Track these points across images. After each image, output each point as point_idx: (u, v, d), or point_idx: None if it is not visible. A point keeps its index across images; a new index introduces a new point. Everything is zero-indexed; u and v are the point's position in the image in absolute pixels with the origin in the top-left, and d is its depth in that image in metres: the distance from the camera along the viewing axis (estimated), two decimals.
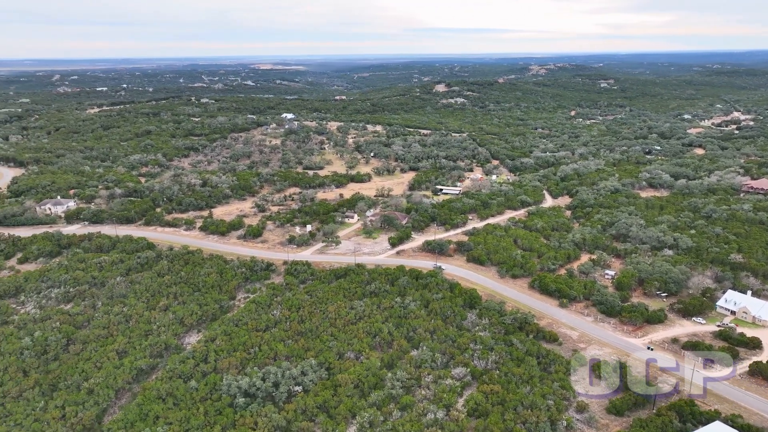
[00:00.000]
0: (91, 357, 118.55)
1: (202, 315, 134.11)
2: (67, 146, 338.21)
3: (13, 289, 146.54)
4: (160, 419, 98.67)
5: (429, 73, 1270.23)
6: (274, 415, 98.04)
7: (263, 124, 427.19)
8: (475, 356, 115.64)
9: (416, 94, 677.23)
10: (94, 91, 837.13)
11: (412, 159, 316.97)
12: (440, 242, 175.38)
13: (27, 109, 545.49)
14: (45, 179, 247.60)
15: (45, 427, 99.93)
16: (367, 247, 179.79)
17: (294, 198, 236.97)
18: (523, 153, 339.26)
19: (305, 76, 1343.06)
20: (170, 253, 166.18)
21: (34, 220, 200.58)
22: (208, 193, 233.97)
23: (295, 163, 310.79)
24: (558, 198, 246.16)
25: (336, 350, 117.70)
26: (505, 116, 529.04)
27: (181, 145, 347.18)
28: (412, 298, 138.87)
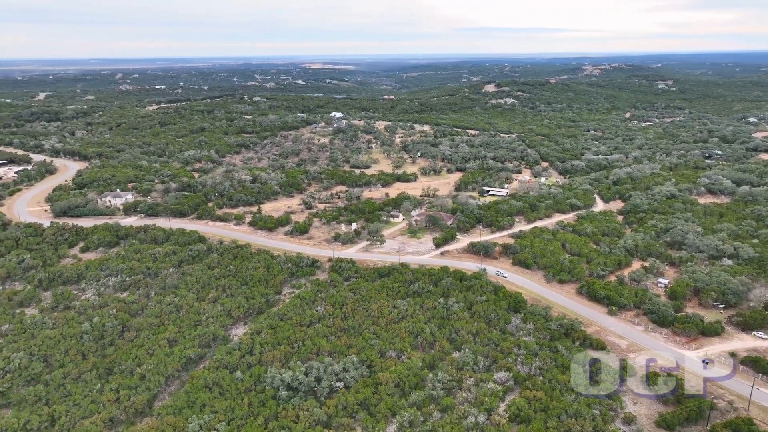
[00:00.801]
0: (144, 344, 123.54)
1: (249, 308, 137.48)
2: (127, 141, 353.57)
3: (75, 276, 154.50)
4: (207, 407, 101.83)
5: (478, 73, 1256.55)
6: (316, 410, 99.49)
7: (312, 122, 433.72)
8: (518, 361, 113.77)
9: (465, 94, 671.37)
10: (153, 89, 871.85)
11: (459, 159, 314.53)
12: (486, 244, 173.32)
13: (92, 105, 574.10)
14: (106, 173, 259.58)
15: (100, 408, 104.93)
16: (412, 246, 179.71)
17: (340, 196, 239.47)
18: (574, 155, 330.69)
19: (354, 76, 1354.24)
20: (220, 247, 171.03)
21: (95, 211, 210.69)
22: (258, 189, 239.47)
23: (342, 162, 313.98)
24: (609, 202, 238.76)
25: (378, 348, 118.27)
26: (556, 117, 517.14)
27: (233, 142, 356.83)
28: (455, 299, 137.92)
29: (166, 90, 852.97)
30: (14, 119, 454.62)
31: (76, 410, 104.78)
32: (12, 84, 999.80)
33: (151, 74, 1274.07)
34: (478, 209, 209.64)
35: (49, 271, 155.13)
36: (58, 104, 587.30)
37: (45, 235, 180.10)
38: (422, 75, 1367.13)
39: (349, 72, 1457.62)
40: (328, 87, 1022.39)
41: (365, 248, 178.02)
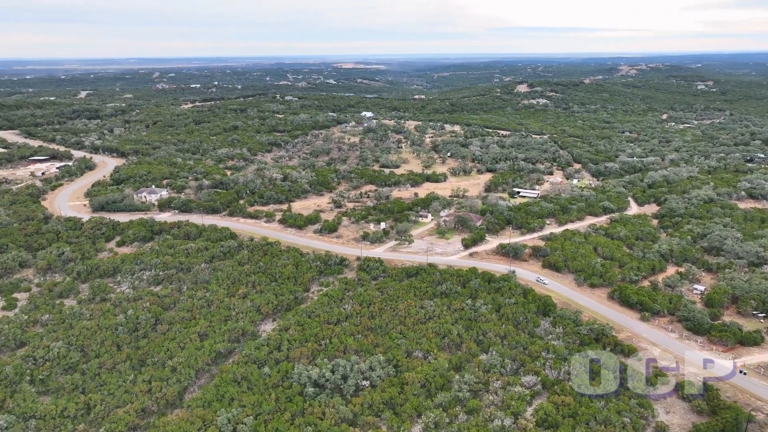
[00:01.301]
0: (176, 337, 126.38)
1: (278, 304, 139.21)
2: (162, 139, 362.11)
3: (112, 269, 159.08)
4: (235, 401, 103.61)
5: (511, 73, 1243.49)
6: (342, 407, 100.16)
7: (343, 122, 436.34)
8: (546, 365, 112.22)
9: (496, 94, 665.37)
10: (188, 88, 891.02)
11: (489, 160, 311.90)
12: (515, 246, 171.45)
13: (130, 104, 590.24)
14: (142, 169, 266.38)
15: (133, 398, 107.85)
16: (440, 247, 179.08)
17: (369, 195, 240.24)
18: (608, 157, 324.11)
19: (385, 75, 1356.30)
20: (251, 244, 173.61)
21: (131, 206, 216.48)
22: (288, 187, 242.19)
23: (372, 161, 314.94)
24: (644, 206, 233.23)
25: (404, 348, 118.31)
26: (589, 118, 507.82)
27: (265, 141, 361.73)
28: (483, 301, 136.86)
29: (201, 89, 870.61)
30: (57, 117, 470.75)
31: (110, 399, 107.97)
32: (55, 83, 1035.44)
33: (187, 73, 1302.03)
34: (508, 210, 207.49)
35: (87, 264, 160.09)
36: (98, 102, 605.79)
37: (84, 229, 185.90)
38: (453, 75, 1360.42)
39: (380, 71, 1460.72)
40: (359, 86, 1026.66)
41: (393, 248, 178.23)
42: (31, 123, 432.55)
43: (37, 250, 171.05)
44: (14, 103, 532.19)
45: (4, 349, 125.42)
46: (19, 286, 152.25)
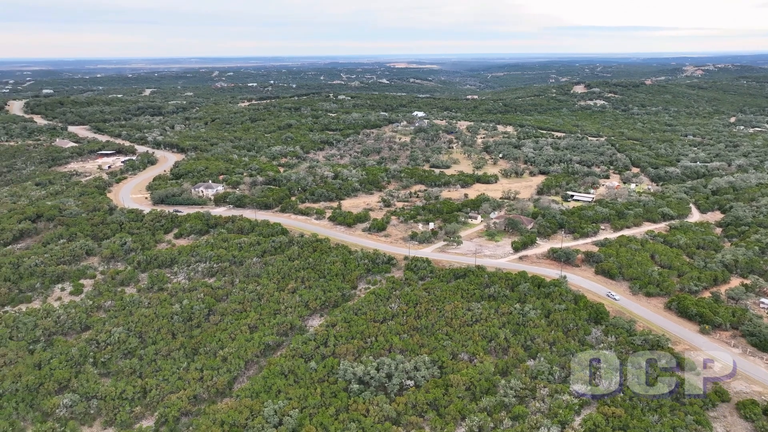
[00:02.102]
0: (227, 328, 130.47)
1: (326, 300, 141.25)
2: (219, 136, 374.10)
3: (169, 260, 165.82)
4: (282, 393, 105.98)
5: (567, 74, 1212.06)
6: (386, 406, 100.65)
7: (394, 121, 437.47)
8: (597, 374, 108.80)
9: (552, 95, 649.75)
10: (245, 87, 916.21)
11: (542, 162, 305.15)
12: (567, 251, 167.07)
13: (190, 101, 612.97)
14: (200, 165, 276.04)
15: (186, 385, 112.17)
16: (489, 249, 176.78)
17: (419, 195, 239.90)
18: (669, 161, 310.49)
19: (438, 75, 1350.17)
20: (301, 240, 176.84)
21: (189, 200, 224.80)
22: (339, 185, 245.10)
23: (422, 161, 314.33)
24: (707, 213, 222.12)
25: (450, 350, 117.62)
26: (650, 121, 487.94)
27: (318, 139, 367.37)
28: (532, 305, 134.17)
29: (258, 87, 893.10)
30: (123, 113, 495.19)
31: (164, 385, 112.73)
32: (123, 81, 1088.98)
33: (245, 72, 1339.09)
34: (561, 214, 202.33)
35: (147, 254, 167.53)
36: (161, 100, 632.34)
37: (145, 221, 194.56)
38: (508, 75, 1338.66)
39: (433, 71, 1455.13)
40: (412, 86, 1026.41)
41: (441, 248, 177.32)
42: (100, 119, 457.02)
43: (102, 239, 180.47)
44: (86, 100, 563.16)
45: (71, 332, 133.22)
46: (86, 272, 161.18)
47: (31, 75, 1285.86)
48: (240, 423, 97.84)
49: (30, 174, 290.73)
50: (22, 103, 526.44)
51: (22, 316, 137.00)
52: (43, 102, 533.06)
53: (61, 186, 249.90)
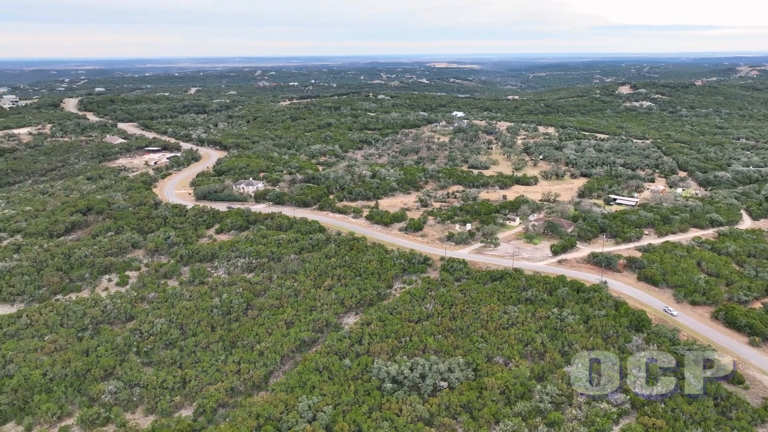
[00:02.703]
0: (264, 323, 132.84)
1: (361, 299, 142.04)
2: (261, 134, 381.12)
3: (210, 255, 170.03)
4: (316, 389, 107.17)
5: (612, 74, 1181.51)
6: (419, 406, 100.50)
7: (433, 121, 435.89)
8: (637, 384, 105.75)
9: (596, 96, 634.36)
10: (287, 86, 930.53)
11: (584, 164, 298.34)
12: (608, 255, 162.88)
13: (233, 100, 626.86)
14: (241, 162, 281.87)
15: (223, 377, 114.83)
16: (527, 252, 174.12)
17: (456, 196, 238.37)
18: (719, 165, 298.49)
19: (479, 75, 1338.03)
20: (338, 238, 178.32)
21: (230, 196, 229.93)
22: (376, 184, 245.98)
23: (460, 161, 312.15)
24: (759, 220, 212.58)
25: (485, 353, 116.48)
26: (699, 123, 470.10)
27: (356, 138, 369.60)
28: (570, 310, 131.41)
29: (299, 87, 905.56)
30: (169, 111, 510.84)
31: (203, 376, 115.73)
32: (170, 80, 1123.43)
33: (286, 72, 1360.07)
34: (603, 218, 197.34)
35: (189, 249, 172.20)
36: (205, 98, 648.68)
37: (187, 216, 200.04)
38: (550, 75, 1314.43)
39: (473, 71, 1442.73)
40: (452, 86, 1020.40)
41: (478, 250, 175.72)
42: (148, 116, 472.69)
43: (147, 232, 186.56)
44: (134, 98, 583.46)
45: (116, 321, 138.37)
46: (131, 265, 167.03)
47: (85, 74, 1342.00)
48: (275, 417, 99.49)
49: (82, 169, 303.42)
50: (77, 101, 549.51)
51: (72, 304, 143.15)
52: (96, 100, 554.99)
53: (110, 180, 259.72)
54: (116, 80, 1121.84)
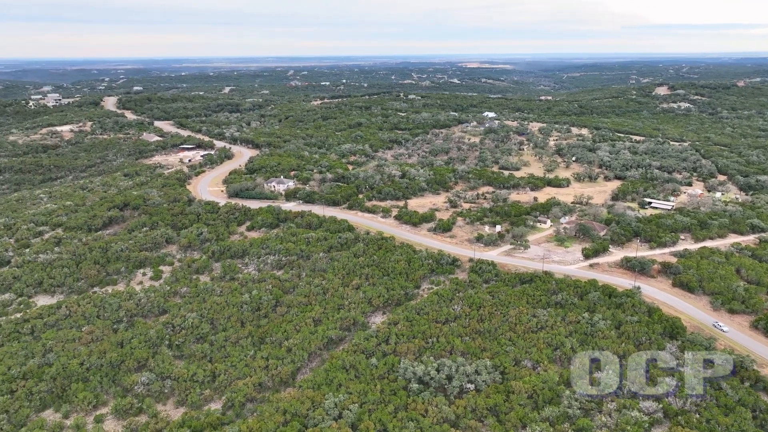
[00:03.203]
0: (293, 320, 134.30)
1: (389, 298, 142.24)
2: (292, 133, 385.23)
3: (241, 251, 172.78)
4: (342, 387, 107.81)
5: (649, 74, 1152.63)
6: (445, 407, 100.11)
7: (464, 121, 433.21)
8: (670, 392, 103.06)
9: (631, 97, 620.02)
10: (318, 85, 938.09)
11: (618, 167, 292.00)
12: (642, 260, 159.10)
13: (266, 99, 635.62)
14: (273, 161, 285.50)
15: (252, 372, 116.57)
16: (558, 255, 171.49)
17: (486, 197, 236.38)
18: (761, 169, 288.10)
19: (511, 75, 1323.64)
20: (366, 237, 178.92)
21: (261, 194, 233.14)
22: (406, 184, 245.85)
23: (491, 162, 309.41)
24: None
25: (513, 356, 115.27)
26: (741, 125, 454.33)
27: (386, 138, 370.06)
28: (601, 316, 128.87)
29: (330, 86, 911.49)
30: (204, 110, 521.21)
31: (232, 371, 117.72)
32: (205, 79, 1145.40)
33: (318, 71, 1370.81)
34: (637, 222, 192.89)
35: (221, 245, 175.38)
36: (238, 97, 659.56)
37: (220, 213, 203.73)
38: (584, 75, 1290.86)
39: (505, 71, 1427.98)
40: (483, 86, 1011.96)
41: (508, 252, 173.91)
42: (183, 115, 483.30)
43: (180, 228, 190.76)
44: (171, 97, 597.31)
45: (150, 315, 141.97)
46: (165, 259, 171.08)
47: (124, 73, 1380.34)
48: (301, 413, 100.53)
49: (119, 165, 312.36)
50: (116, 100, 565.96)
51: (108, 297, 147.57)
52: (134, 98, 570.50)
53: (146, 177, 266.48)
54: (153, 79, 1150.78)
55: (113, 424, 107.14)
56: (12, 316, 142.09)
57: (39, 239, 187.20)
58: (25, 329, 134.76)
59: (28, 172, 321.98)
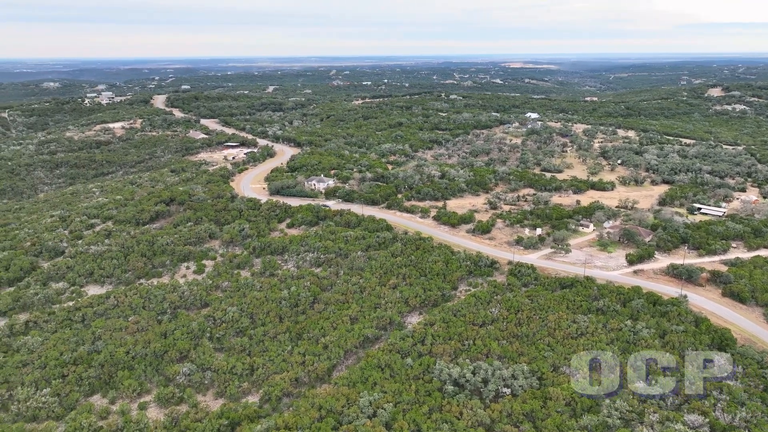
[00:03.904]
0: (330, 317, 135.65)
1: (425, 299, 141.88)
2: (333, 132, 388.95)
3: (281, 248, 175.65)
4: (377, 386, 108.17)
5: (702, 75, 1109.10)
6: (480, 411, 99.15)
7: (506, 122, 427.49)
8: (717, 407, 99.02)
9: (682, 98, 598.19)
10: (360, 85, 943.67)
11: (666, 171, 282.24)
12: (690, 268, 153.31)
13: (308, 98, 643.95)
14: (314, 159, 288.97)
15: (289, 367, 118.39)
16: (600, 260, 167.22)
17: (527, 199, 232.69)
18: None
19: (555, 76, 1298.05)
20: (404, 237, 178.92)
21: (301, 192, 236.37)
22: (445, 185, 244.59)
23: (533, 164, 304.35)
24: None
25: (551, 362, 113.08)
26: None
27: (427, 138, 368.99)
28: (645, 324, 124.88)
29: (371, 86, 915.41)
30: (248, 108, 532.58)
31: (270, 365, 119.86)
32: (249, 78, 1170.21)
33: (360, 71, 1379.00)
34: (685, 228, 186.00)
35: (262, 241, 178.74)
36: (281, 96, 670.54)
37: (261, 210, 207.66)
38: (633, 76, 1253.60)
39: (550, 71, 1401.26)
40: (526, 87, 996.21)
41: (548, 255, 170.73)
42: (228, 113, 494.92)
43: (223, 224, 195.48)
44: (216, 96, 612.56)
45: (192, 307, 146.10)
46: (208, 254, 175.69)
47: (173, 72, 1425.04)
48: (336, 409, 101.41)
49: (167, 161, 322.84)
50: (164, 98, 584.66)
51: (153, 288, 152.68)
52: (181, 97, 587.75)
53: (192, 173, 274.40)
54: (200, 78, 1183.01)
55: (156, 411, 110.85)
56: (65, 304, 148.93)
57: (91, 231, 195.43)
58: (77, 317, 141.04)
59: (82, 166, 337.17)
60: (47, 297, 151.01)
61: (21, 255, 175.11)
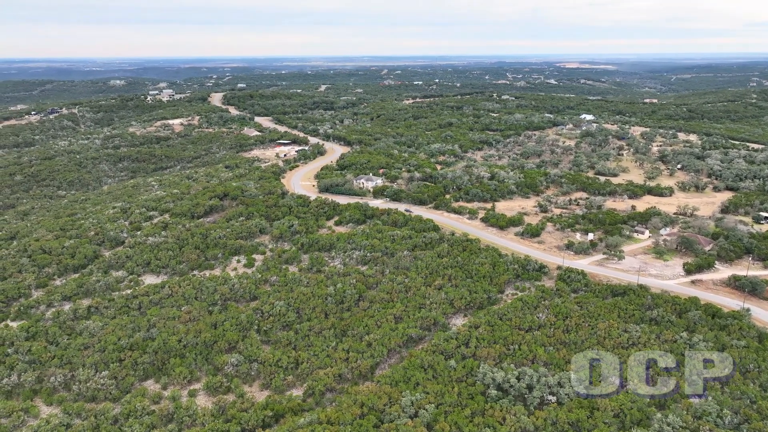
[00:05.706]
0: (374, 315, 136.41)
1: (471, 301, 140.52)
2: (383, 131, 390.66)
3: (328, 245, 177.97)
4: (420, 386, 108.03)
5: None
6: (523, 417, 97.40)
7: (559, 123, 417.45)
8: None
9: (751, 101, 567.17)
10: (411, 84, 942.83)
11: (731, 177, 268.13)
12: (754, 280, 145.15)
13: (359, 97, 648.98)
14: (363, 158, 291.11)
15: (333, 363, 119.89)
16: (655, 268, 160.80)
17: (579, 203, 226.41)
18: None
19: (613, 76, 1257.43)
20: (451, 238, 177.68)
21: (350, 191, 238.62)
22: (494, 186, 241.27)
23: (586, 167, 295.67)
24: None
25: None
26: None
27: (477, 139, 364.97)
28: (702, 337, 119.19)
29: (423, 86, 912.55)
30: (300, 107, 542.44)
31: (314, 360, 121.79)
32: (303, 77, 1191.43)
33: (411, 71, 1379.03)
34: (749, 237, 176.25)
35: (310, 238, 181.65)
36: (333, 95, 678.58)
37: (310, 207, 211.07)
38: (696, 77, 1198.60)
39: (607, 72, 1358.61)
40: (582, 87, 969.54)
41: (599, 261, 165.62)
42: (281, 111, 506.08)
43: (273, 220, 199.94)
44: (270, 94, 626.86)
45: (242, 300, 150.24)
46: (258, 249, 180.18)
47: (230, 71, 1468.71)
48: (378, 407, 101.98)
49: (222, 158, 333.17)
50: (221, 96, 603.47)
51: (205, 280, 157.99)
52: (237, 95, 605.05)
53: (245, 170, 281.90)
54: (256, 77, 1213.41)
55: (204, 399, 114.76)
56: (123, 292, 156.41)
57: (149, 223, 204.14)
58: (134, 305, 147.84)
59: (143, 161, 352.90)
60: (108, 284, 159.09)
61: (86, 243, 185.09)
